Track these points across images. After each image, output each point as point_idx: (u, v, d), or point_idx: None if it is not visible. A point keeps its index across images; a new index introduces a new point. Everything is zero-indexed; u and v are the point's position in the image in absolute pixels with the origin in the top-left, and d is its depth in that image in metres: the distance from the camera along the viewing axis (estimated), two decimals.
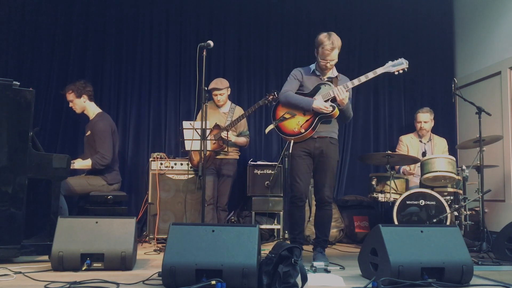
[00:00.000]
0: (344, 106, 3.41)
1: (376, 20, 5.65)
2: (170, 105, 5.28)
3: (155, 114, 5.24)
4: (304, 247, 3.62)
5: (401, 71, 3.47)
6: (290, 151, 3.44)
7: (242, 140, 4.44)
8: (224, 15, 5.44)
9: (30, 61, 5.01)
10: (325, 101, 3.40)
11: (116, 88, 5.19)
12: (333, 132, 3.55)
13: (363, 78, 3.39)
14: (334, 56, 3.41)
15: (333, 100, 3.40)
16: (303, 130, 3.42)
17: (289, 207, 3.57)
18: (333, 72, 3.54)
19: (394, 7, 5.68)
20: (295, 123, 3.45)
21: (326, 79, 3.51)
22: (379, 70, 3.43)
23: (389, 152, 4.34)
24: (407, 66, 3.46)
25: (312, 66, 3.59)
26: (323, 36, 3.39)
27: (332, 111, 3.37)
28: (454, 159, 4.33)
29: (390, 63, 3.46)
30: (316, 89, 3.47)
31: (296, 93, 3.51)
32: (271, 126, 3.55)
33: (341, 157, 5.51)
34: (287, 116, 3.47)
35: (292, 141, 3.45)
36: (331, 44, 3.35)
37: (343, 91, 3.35)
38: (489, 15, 5.17)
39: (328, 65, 3.43)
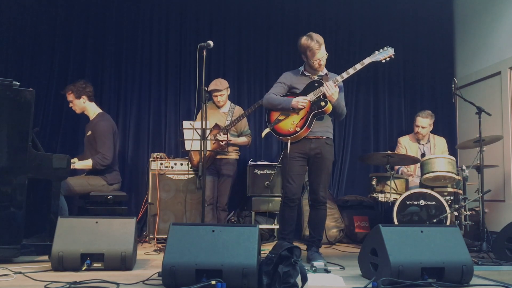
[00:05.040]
0: (335, 102, 3.43)
1: (376, 20, 5.65)
2: (170, 105, 5.27)
3: (155, 114, 5.24)
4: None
5: (388, 59, 3.51)
6: (288, 152, 3.42)
7: (242, 140, 4.44)
8: (224, 15, 5.44)
9: (30, 61, 5.00)
10: (317, 97, 3.41)
11: (116, 88, 5.19)
12: (328, 132, 3.56)
13: (351, 71, 3.43)
14: (323, 52, 3.43)
15: (324, 96, 3.41)
16: (298, 129, 3.42)
17: (280, 208, 3.59)
18: (322, 71, 3.55)
19: (394, 8, 5.68)
20: (290, 122, 3.45)
21: (316, 78, 3.52)
22: (366, 60, 3.47)
23: (389, 152, 4.33)
24: (394, 53, 3.51)
25: (301, 68, 3.61)
26: (305, 40, 3.41)
27: (324, 106, 3.39)
28: (454, 159, 4.34)
29: (376, 52, 3.51)
30: (307, 88, 3.48)
31: (288, 94, 3.53)
32: (267, 130, 3.54)
33: (341, 157, 5.51)
34: (281, 117, 3.47)
35: (289, 141, 3.44)
36: (317, 43, 3.38)
37: (331, 87, 3.37)
38: (489, 15, 5.17)
39: (321, 62, 3.45)
